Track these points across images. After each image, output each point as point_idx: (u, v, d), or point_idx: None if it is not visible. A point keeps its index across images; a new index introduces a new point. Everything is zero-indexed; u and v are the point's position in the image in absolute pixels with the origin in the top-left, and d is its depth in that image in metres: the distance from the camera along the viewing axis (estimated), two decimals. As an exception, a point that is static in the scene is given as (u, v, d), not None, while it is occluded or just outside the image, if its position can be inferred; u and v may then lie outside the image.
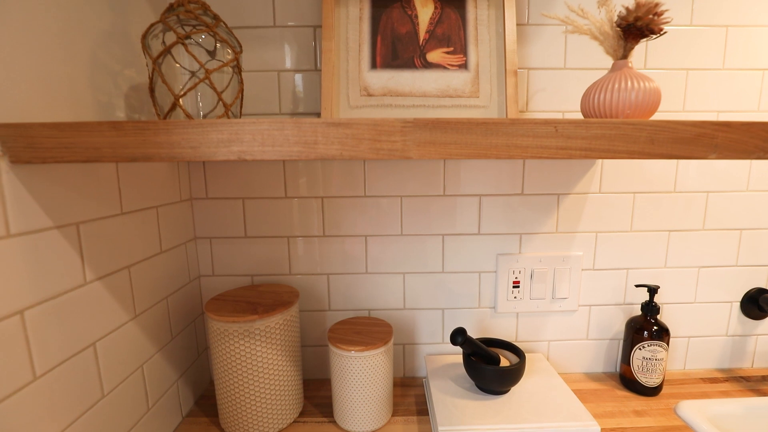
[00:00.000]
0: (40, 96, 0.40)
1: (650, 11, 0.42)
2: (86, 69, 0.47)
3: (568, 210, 0.72)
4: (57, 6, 0.42)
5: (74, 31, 0.45)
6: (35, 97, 0.40)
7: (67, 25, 0.44)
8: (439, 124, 0.33)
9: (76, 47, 0.45)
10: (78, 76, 0.45)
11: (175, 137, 0.34)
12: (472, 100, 0.59)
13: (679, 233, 0.74)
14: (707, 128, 0.37)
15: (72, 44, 0.44)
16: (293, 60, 0.66)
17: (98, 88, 0.49)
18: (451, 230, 0.72)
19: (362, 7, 0.59)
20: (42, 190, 0.40)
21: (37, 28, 0.40)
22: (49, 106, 0.41)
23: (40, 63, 0.40)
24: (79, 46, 0.45)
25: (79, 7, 0.46)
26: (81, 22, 0.46)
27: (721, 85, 0.70)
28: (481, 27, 0.60)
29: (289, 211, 0.70)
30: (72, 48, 0.44)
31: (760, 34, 0.69)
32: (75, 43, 0.45)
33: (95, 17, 0.48)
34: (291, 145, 0.33)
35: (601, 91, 0.44)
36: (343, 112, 0.59)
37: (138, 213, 0.55)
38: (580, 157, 0.35)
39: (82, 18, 0.46)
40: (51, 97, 0.41)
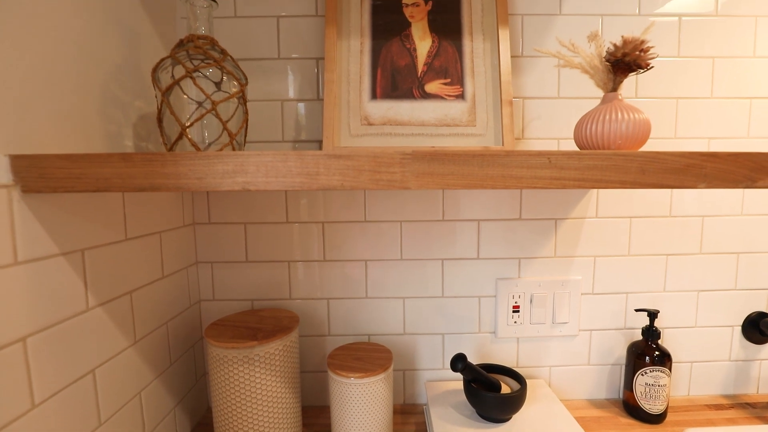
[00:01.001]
0: (53, 126, 0.42)
1: (637, 48, 0.44)
2: (98, 100, 0.48)
3: (566, 234, 0.73)
4: (73, 41, 0.45)
5: (88, 65, 0.47)
6: (48, 127, 0.41)
7: (82, 59, 0.46)
8: (437, 156, 0.35)
9: (90, 80, 0.47)
10: (90, 107, 0.47)
11: (182, 168, 0.36)
12: (469, 128, 0.61)
13: (676, 257, 0.74)
14: (696, 159, 0.39)
15: (86, 77, 0.47)
16: (296, 90, 0.69)
17: (108, 118, 0.50)
18: (450, 255, 0.72)
19: (363, 41, 0.62)
20: (50, 218, 0.41)
21: (53, 62, 0.42)
22: (61, 136, 0.43)
23: (54, 95, 0.42)
24: (92, 79, 0.48)
25: (94, 42, 0.48)
26: (95, 57, 0.48)
27: (710, 112, 0.72)
28: (477, 59, 0.62)
29: (290, 236, 0.71)
30: (86, 81, 0.46)
31: (745, 64, 0.71)
32: (89, 76, 0.47)
33: (109, 51, 0.51)
34: (294, 176, 0.35)
35: (592, 122, 0.46)
36: (344, 140, 0.61)
37: (142, 238, 0.56)
38: (574, 187, 0.36)
39: (96, 52, 0.48)
40: (63, 127, 0.43)
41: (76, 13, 0.45)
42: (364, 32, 0.62)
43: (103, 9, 0.50)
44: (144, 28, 0.58)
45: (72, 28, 0.45)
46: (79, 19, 0.46)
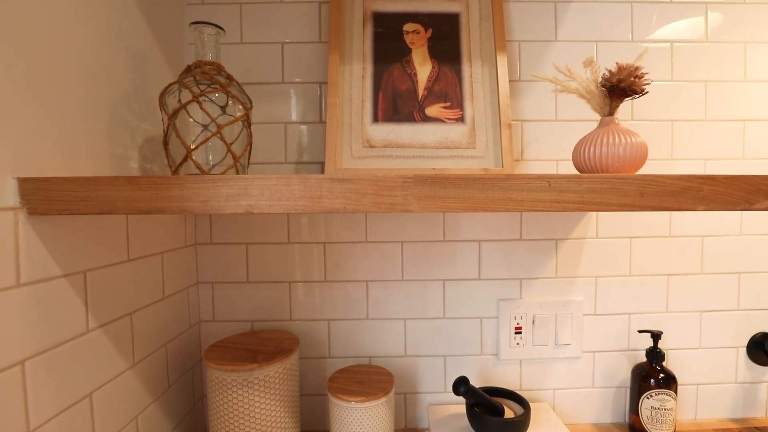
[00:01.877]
0: (62, 149, 0.43)
1: (631, 74, 0.45)
2: (106, 124, 0.50)
3: (567, 255, 0.73)
4: (85, 66, 0.46)
5: (99, 90, 0.48)
6: (56, 150, 0.42)
7: (93, 84, 0.47)
8: (438, 180, 0.35)
9: (100, 104, 0.48)
10: (98, 130, 0.48)
11: (187, 191, 0.36)
12: (469, 151, 0.62)
13: (678, 277, 0.74)
14: (693, 182, 0.39)
15: (96, 101, 0.48)
16: (299, 113, 0.70)
17: (116, 141, 0.51)
18: (451, 275, 0.72)
19: (365, 66, 0.64)
20: (54, 239, 0.41)
21: (64, 86, 0.43)
22: (68, 158, 0.44)
23: (65, 119, 0.43)
24: (102, 103, 0.49)
25: (105, 68, 0.49)
26: (105, 82, 0.49)
27: (705, 134, 0.73)
28: (476, 84, 0.64)
29: (292, 256, 0.71)
30: (96, 105, 0.48)
31: (737, 88, 0.73)
32: (99, 100, 0.48)
33: (119, 76, 0.52)
34: (297, 199, 0.35)
35: (590, 146, 0.47)
36: (346, 162, 0.62)
37: (144, 259, 0.56)
38: (574, 209, 0.37)
39: (106, 77, 0.50)
40: (71, 150, 0.44)
41: (89, 39, 0.47)
42: (366, 58, 0.64)
43: (114, 35, 0.51)
44: (153, 53, 0.60)
45: (84, 54, 0.46)
46: (91, 46, 0.47)
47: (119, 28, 0.52)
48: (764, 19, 0.73)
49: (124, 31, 0.53)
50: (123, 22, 0.53)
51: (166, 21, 0.63)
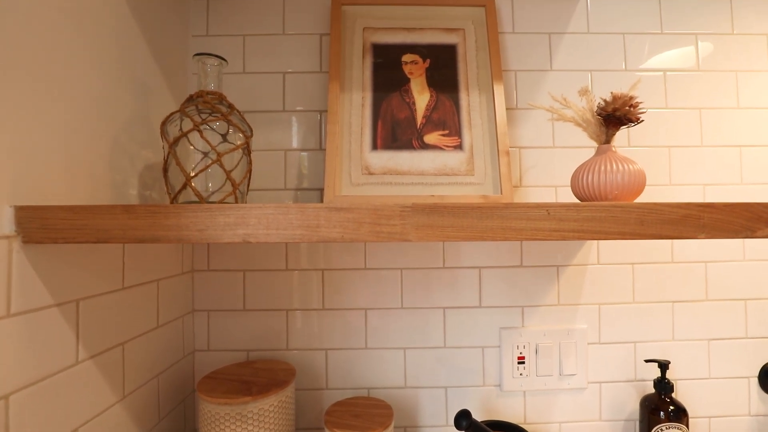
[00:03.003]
0: (60, 176, 0.43)
1: (626, 103, 0.46)
2: (107, 151, 0.50)
3: (569, 282, 0.72)
4: (88, 95, 0.47)
5: (101, 118, 0.49)
6: (54, 177, 0.42)
7: (96, 112, 0.48)
8: (437, 209, 0.35)
9: (102, 132, 0.49)
10: (99, 158, 0.48)
11: (184, 220, 0.36)
12: (467, 178, 0.63)
13: (683, 304, 0.73)
14: (692, 209, 0.39)
15: (98, 130, 0.48)
16: (300, 140, 0.71)
17: (116, 168, 0.52)
18: (452, 303, 0.71)
19: (364, 95, 0.65)
20: (48, 268, 0.40)
21: (67, 115, 0.44)
22: (67, 185, 0.44)
23: (66, 147, 0.43)
24: (104, 132, 0.49)
25: (108, 97, 0.50)
26: (108, 110, 0.50)
27: (702, 160, 0.74)
28: (473, 112, 0.65)
29: (290, 284, 0.70)
30: (97, 133, 0.48)
31: (731, 115, 0.74)
32: (101, 128, 0.49)
33: (122, 105, 0.53)
34: (294, 228, 0.35)
35: (588, 173, 0.47)
36: (345, 189, 0.62)
37: (139, 287, 0.55)
38: (573, 238, 0.37)
39: (110, 106, 0.50)
40: (69, 177, 0.44)
41: (94, 69, 0.48)
42: (366, 87, 0.66)
43: (119, 66, 0.52)
44: (156, 82, 0.61)
45: (89, 84, 0.47)
46: (97, 75, 0.48)
47: (125, 59, 0.54)
48: (753, 49, 0.75)
49: (129, 62, 0.55)
50: (129, 53, 0.55)
51: (170, 51, 0.65)
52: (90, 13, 0.47)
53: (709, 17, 0.75)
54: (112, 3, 0.51)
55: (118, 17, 0.53)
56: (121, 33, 0.53)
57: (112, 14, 0.51)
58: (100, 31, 0.49)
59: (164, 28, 0.63)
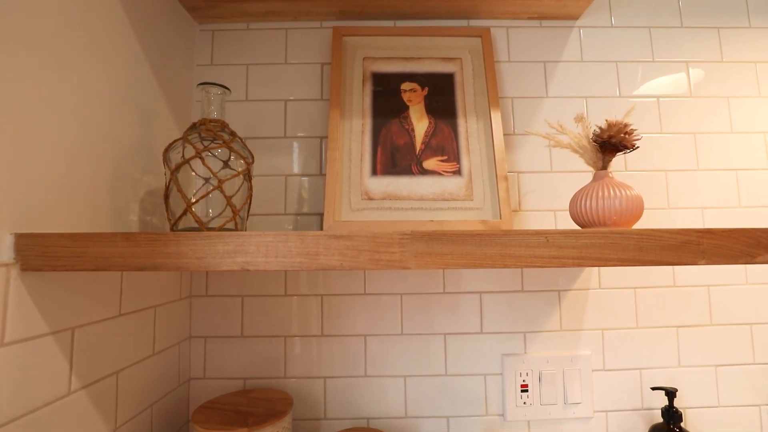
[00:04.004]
0: (61, 202, 0.43)
1: (621, 131, 0.47)
2: (109, 178, 0.50)
3: (571, 306, 0.71)
4: (93, 123, 0.48)
5: (104, 145, 0.50)
6: (55, 203, 0.42)
7: (100, 139, 0.49)
8: (435, 236, 0.35)
9: (104, 159, 0.50)
10: (101, 184, 0.49)
11: (184, 248, 0.36)
12: (466, 203, 0.63)
13: (687, 329, 0.72)
14: (692, 236, 0.39)
15: (101, 157, 0.49)
16: (300, 165, 0.72)
17: (117, 194, 0.52)
18: (453, 329, 0.70)
19: (364, 122, 0.67)
20: (45, 295, 0.40)
21: (70, 142, 0.44)
22: (68, 212, 0.44)
23: (66, 174, 0.44)
24: (106, 159, 0.50)
25: (112, 124, 0.51)
26: (112, 137, 0.51)
27: (700, 183, 0.74)
28: (471, 138, 0.66)
29: (288, 309, 0.69)
30: (100, 160, 0.49)
31: (725, 139, 0.75)
32: (104, 156, 0.49)
33: (125, 132, 0.54)
34: (293, 256, 0.35)
35: (587, 199, 0.47)
36: (345, 214, 0.62)
37: (136, 314, 0.55)
38: (573, 265, 0.36)
39: (113, 133, 0.51)
40: (71, 204, 0.44)
41: (100, 98, 0.49)
42: (366, 114, 0.67)
43: (125, 94, 0.54)
44: (160, 109, 0.62)
45: (94, 112, 0.48)
46: (102, 104, 0.49)
47: (131, 87, 0.55)
48: (742, 76, 0.77)
49: (135, 90, 0.56)
50: (135, 82, 0.56)
51: (175, 80, 0.67)
52: (98, 42, 0.49)
53: (698, 46, 0.77)
54: (121, 33, 0.53)
55: (126, 47, 0.54)
56: (128, 62, 0.55)
57: (121, 44, 0.53)
58: (108, 61, 0.50)
59: (170, 58, 0.65)
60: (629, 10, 0.78)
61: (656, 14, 0.78)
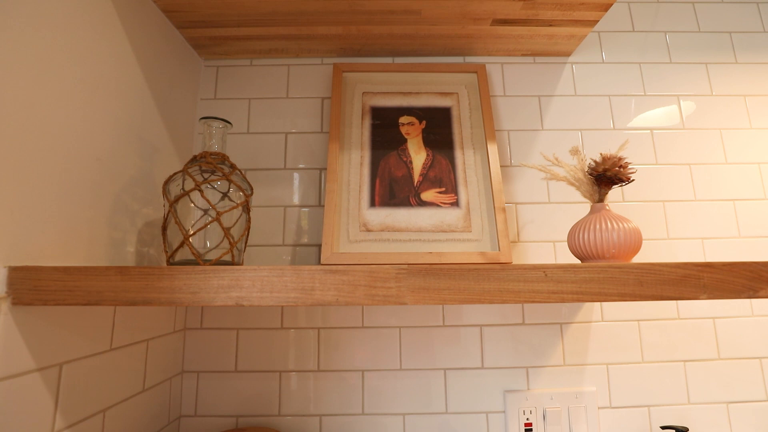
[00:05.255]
0: (57, 235, 0.43)
1: (615, 164, 0.47)
2: (108, 210, 0.51)
3: (574, 340, 0.69)
4: (95, 157, 0.48)
5: (105, 178, 0.50)
6: (52, 235, 0.42)
7: (101, 172, 0.49)
8: (432, 271, 0.35)
9: (104, 192, 0.50)
10: (99, 216, 0.49)
11: (178, 282, 0.35)
12: (465, 234, 0.63)
13: (695, 364, 0.70)
14: (691, 269, 0.39)
15: (101, 190, 0.49)
16: (300, 196, 0.72)
17: (115, 225, 0.52)
18: (453, 364, 0.68)
19: (363, 154, 0.68)
20: (34, 330, 0.39)
21: (70, 176, 0.45)
22: (64, 244, 0.43)
23: (65, 207, 0.44)
24: (107, 191, 0.50)
25: (114, 157, 0.52)
26: (113, 170, 0.52)
27: (698, 214, 0.74)
28: (469, 170, 0.67)
29: (285, 343, 0.68)
30: (99, 192, 0.49)
31: (720, 170, 0.76)
32: (104, 188, 0.50)
33: (127, 165, 0.54)
34: (289, 291, 0.34)
35: (584, 232, 0.47)
36: (343, 246, 0.62)
37: (128, 348, 0.53)
38: (573, 300, 0.36)
39: (115, 166, 0.52)
40: (67, 236, 0.44)
41: (104, 132, 0.50)
42: (364, 147, 0.68)
43: (127, 126, 0.55)
44: (162, 142, 0.63)
45: (97, 146, 0.49)
46: (105, 138, 0.50)
47: (135, 121, 0.56)
48: (733, 108, 0.79)
49: (138, 124, 0.57)
50: (139, 116, 0.57)
51: (179, 113, 0.68)
52: (104, 77, 0.50)
53: (687, 80, 0.80)
54: (127, 68, 0.55)
55: (133, 81, 0.56)
56: (134, 96, 0.56)
57: (127, 79, 0.55)
58: (113, 95, 0.52)
59: (175, 92, 0.67)
60: (619, 46, 0.81)
61: (645, 51, 0.81)
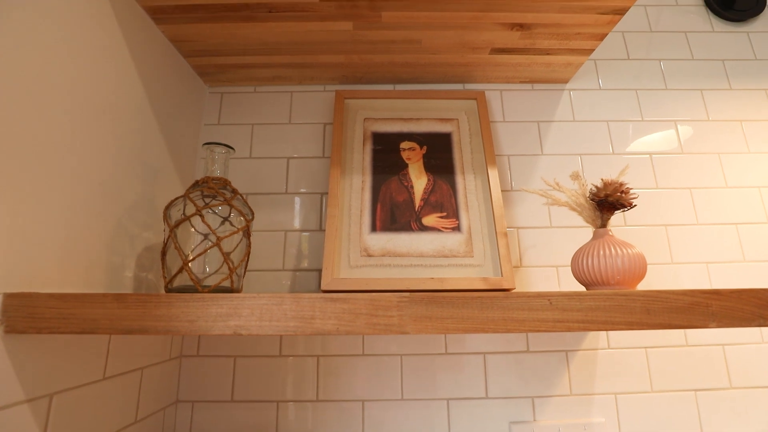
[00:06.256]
0: (56, 260, 0.42)
1: (617, 190, 0.47)
2: (108, 234, 0.50)
3: (580, 368, 0.67)
4: (98, 183, 0.48)
5: (107, 203, 0.50)
6: (50, 262, 0.41)
7: (102, 198, 0.49)
8: (435, 299, 0.34)
9: (104, 216, 0.50)
10: (98, 240, 0.49)
11: (175, 310, 0.35)
12: (467, 259, 0.62)
13: (706, 393, 0.67)
14: (699, 297, 0.38)
15: (101, 213, 0.49)
16: (300, 221, 0.72)
17: (114, 250, 0.52)
18: (456, 393, 0.66)
19: (364, 179, 0.68)
20: (26, 359, 0.38)
21: (72, 202, 0.44)
22: (61, 269, 0.43)
23: (65, 232, 0.43)
24: (107, 215, 0.50)
25: (117, 183, 0.52)
26: (115, 195, 0.52)
27: (701, 238, 0.74)
28: (470, 195, 0.67)
29: (283, 371, 0.66)
30: (100, 216, 0.49)
31: (720, 194, 0.76)
32: (104, 212, 0.50)
33: (129, 190, 0.55)
34: (288, 320, 0.34)
35: (588, 257, 0.47)
36: (344, 271, 0.61)
37: (121, 377, 0.52)
38: (579, 329, 0.35)
39: (117, 191, 0.52)
40: (65, 261, 0.43)
41: (108, 158, 0.50)
42: (366, 171, 0.69)
43: (131, 151, 0.55)
44: (165, 167, 0.64)
45: (101, 172, 0.49)
46: (109, 164, 0.50)
47: (139, 147, 0.57)
48: (730, 133, 0.80)
49: (142, 149, 0.58)
50: (143, 141, 0.58)
51: (182, 138, 0.69)
52: (110, 103, 0.51)
53: (684, 106, 0.81)
54: (133, 94, 0.56)
55: (138, 108, 0.57)
56: (139, 122, 0.57)
57: (133, 105, 0.56)
58: (119, 120, 0.53)
59: (179, 118, 0.68)
60: (615, 74, 0.83)
61: (641, 78, 0.83)
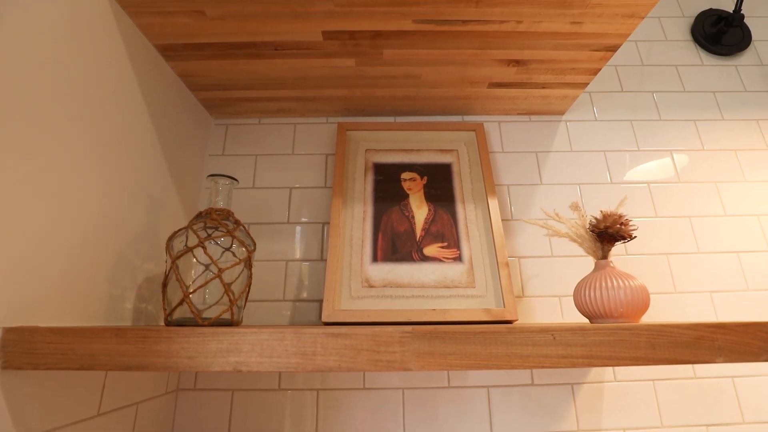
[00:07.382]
0: (55, 293, 0.42)
1: (616, 222, 0.48)
2: (109, 266, 0.50)
3: (586, 402, 0.65)
4: (101, 214, 0.49)
5: (109, 234, 0.50)
6: (51, 293, 0.41)
7: (105, 229, 0.50)
8: (438, 334, 0.34)
9: (108, 249, 0.50)
10: (99, 272, 0.49)
11: (175, 346, 0.34)
12: (468, 290, 0.62)
13: (719, 428, 0.65)
14: (704, 331, 0.37)
15: (104, 246, 0.49)
16: (302, 250, 0.72)
17: (115, 282, 0.51)
18: (460, 429, 0.63)
19: (366, 209, 0.69)
20: (20, 396, 0.37)
21: (73, 234, 0.45)
22: (62, 301, 0.43)
23: (66, 265, 0.43)
24: (110, 248, 0.50)
25: (120, 214, 0.52)
26: (117, 226, 0.52)
27: (703, 267, 0.74)
28: (470, 225, 0.68)
29: (281, 406, 0.64)
30: (102, 248, 0.49)
31: (719, 222, 0.76)
32: (107, 245, 0.50)
33: (132, 221, 0.55)
34: (289, 356, 0.33)
35: (590, 289, 0.46)
36: (345, 302, 0.61)
37: (116, 412, 0.50)
38: (584, 365, 0.34)
39: (119, 223, 0.52)
40: (66, 293, 0.43)
41: (112, 190, 0.51)
42: (367, 201, 0.69)
43: (136, 183, 0.56)
44: (169, 198, 0.65)
45: (103, 201, 0.49)
46: (112, 193, 0.51)
47: (144, 178, 0.58)
48: (725, 162, 0.81)
49: (147, 181, 0.59)
50: (148, 173, 0.59)
51: (187, 170, 0.70)
52: (117, 135, 0.52)
53: (678, 136, 0.83)
54: (140, 127, 0.57)
55: (145, 140, 0.58)
56: (145, 153, 0.58)
57: (140, 137, 0.57)
58: (125, 152, 0.54)
59: (184, 150, 0.69)
60: (610, 106, 0.85)
61: (635, 109, 0.85)
